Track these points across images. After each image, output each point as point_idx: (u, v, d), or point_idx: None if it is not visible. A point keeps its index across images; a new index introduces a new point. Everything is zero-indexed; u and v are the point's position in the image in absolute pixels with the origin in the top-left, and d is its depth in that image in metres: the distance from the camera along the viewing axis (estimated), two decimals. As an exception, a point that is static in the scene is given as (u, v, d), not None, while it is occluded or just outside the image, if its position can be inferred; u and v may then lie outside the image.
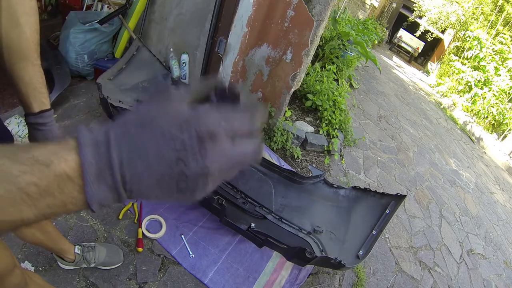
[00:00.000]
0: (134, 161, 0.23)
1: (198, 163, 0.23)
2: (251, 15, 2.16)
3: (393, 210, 1.57)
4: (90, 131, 0.24)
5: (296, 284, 1.55)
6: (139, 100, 0.26)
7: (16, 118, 1.73)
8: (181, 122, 0.24)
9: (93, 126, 0.25)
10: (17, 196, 0.21)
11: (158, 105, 0.25)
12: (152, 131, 0.23)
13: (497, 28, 8.71)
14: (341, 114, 2.94)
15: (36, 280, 0.87)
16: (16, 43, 0.57)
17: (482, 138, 6.76)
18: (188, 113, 0.24)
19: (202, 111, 0.25)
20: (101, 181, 0.23)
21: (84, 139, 0.23)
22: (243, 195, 1.70)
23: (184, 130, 0.23)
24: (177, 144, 0.23)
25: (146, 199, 0.26)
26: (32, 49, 0.60)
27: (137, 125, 0.24)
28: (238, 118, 0.26)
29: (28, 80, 0.61)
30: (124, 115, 0.25)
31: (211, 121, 0.24)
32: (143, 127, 0.24)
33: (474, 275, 2.41)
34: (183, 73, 2.67)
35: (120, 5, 2.50)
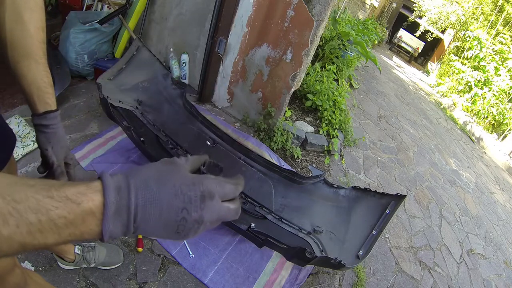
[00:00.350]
0: (148, 206, 0.30)
1: (197, 213, 0.31)
2: (251, 15, 2.16)
3: (393, 210, 1.57)
4: (112, 177, 0.31)
5: (296, 284, 1.55)
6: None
7: (16, 118, 1.73)
8: (189, 183, 0.32)
9: (115, 173, 0.32)
10: (47, 225, 0.26)
11: (171, 167, 0.34)
12: (167, 186, 0.31)
13: (497, 28, 8.71)
14: (341, 114, 2.94)
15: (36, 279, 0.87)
16: (20, 40, 0.55)
17: (482, 138, 6.76)
18: (195, 177, 0.33)
19: (205, 177, 0.34)
20: (117, 217, 0.29)
21: (109, 183, 0.30)
22: (243, 195, 1.70)
23: (191, 189, 0.32)
24: (185, 198, 0.31)
25: (146, 235, 0.33)
26: (37, 46, 0.57)
27: (155, 179, 0.32)
28: (228, 186, 0.35)
29: (32, 78, 0.58)
30: (142, 169, 0.33)
31: (211, 186, 0.33)
32: (159, 182, 0.31)
33: (474, 275, 2.41)
34: (183, 73, 2.67)
35: (120, 5, 2.50)
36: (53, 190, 0.28)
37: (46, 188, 0.27)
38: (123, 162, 1.77)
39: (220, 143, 1.99)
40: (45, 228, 0.26)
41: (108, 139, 1.89)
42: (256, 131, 2.50)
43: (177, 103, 2.09)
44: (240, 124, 2.56)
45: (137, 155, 1.84)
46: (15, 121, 1.70)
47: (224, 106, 2.64)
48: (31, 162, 1.58)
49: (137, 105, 1.91)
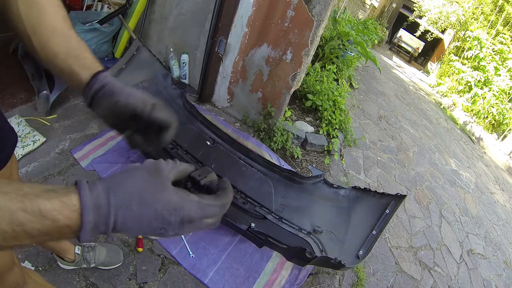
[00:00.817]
0: (127, 223, 0.31)
1: (174, 233, 0.33)
2: (251, 15, 2.16)
3: (393, 210, 1.57)
4: (91, 191, 0.30)
5: (296, 284, 1.55)
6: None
7: (16, 118, 1.73)
8: (171, 209, 0.32)
9: (94, 184, 0.31)
10: (21, 234, 0.27)
11: (155, 183, 0.33)
12: (148, 210, 0.32)
13: (497, 28, 8.70)
14: (341, 114, 2.94)
15: (35, 278, 0.87)
16: (40, 23, 0.49)
17: (482, 138, 6.76)
18: (176, 202, 0.33)
19: (187, 201, 0.33)
20: (95, 230, 0.30)
21: (87, 202, 0.29)
22: (243, 195, 1.70)
23: (172, 215, 0.32)
24: (165, 221, 0.32)
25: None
26: (59, 21, 0.51)
27: (137, 200, 0.32)
28: (211, 209, 0.35)
29: (65, 52, 0.49)
30: (125, 181, 0.32)
31: (191, 212, 0.33)
32: (141, 204, 0.32)
33: (474, 275, 2.41)
34: (183, 73, 2.67)
35: (120, 5, 2.50)
36: (27, 202, 0.27)
37: (19, 198, 0.27)
38: (123, 162, 1.77)
39: (220, 143, 1.99)
40: (19, 236, 0.27)
41: (108, 139, 1.89)
42: (256, 131, 2.50)
43: (177, 103, 2.08)
44: (240, 124, 2.56)
45: (137, 155, 1.84)
46: (15, 121, 1.70)
47: (224, 106, 2.64)
48: (31, 162, 1.58)
49: (137, 105, 1.91)
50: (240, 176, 1.81)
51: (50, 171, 1.57)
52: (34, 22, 0.49)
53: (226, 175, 1.75)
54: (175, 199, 0.33)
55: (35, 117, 1.81)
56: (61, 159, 1.65)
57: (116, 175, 0.33)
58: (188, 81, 2.72)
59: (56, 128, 1.83)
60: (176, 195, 0.33)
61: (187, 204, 0.33)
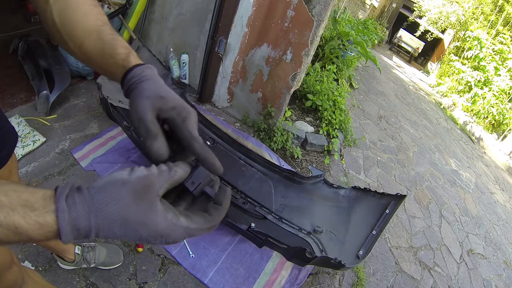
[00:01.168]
0: (110, 239, 0.32)
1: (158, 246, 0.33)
2: (251, 15, 2.16)
3: (393, 210, 1.57)
4: (70, 212, 0.28)
5: (296, 284, 1.55)
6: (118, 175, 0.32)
7: (16, 118, 1.73)
8: (157, 236, 0.31)
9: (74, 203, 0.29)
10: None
11: (142, 206, 0.30)
12: (133, 235, 0.30)
13: (497, 28, 8.70)
14: (341, 114, 2.94)
15: (34, 278, 0.87)
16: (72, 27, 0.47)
17: (482, 138, 6.76)
18: (163, 230, 0.31)
19: (175, 228, 0.31)
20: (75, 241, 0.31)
21: (64, 226, 0.28)
22: (243, 195, 1.70)
23: (157, 240, 0.31)
24: (149, 243, 0.31)
25: None
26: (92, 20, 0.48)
27: (120, 224, 0.30)
28: (200, 232, 0.34)
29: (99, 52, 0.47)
30: (108, 200, 0.30)
31: (179, 238, 0.32)
32: (125, 228, 0.30)
33: (474, 275, 2.41)
34: (183, 73, 2.67)
35: (120, 5, 2.50)
36: (1, 216, 0.27)
37: None
38: (123, 162, 1.77)
39: (220, 143, 1.99)
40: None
41: (108, 139, 1.89)
42: (256, 131, 2.50)
43: (177, 103, 2.08)
44: (240, 124, 2.56)
45: (137, 155, 1.84)
46: (15, 121, 1.70)
47: (224, 106, 2.64)
48: (31, 162, 1.58)
49: (137, 105, 1.91)
50: (240, 176, 1.81)
51: (50, 171, 1.57)
52: (68, 27, 0.47)
53: (226, 175, 1.75)
54: (162, 226, 0.31)
55: (35, 117, 1.81)
56: (61, 159, 1.65)
57: (99, 193, 0.30)
58: (188, 81, 2.72)
59: (56, 128, 1.83)
60: (163, 221, 0.31)
61: (174, 232, 0.32)
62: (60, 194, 0.29)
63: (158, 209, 0.31)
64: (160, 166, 0.34)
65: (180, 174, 0.34)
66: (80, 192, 0.30)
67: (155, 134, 0.37)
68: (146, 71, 0.42)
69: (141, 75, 0.41)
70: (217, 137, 2.01)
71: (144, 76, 0.41)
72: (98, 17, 0.49)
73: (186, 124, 0.38)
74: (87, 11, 0.48)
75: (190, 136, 0.38)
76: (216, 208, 0.35)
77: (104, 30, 0.47)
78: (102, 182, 0.31)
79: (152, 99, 0.38)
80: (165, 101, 0.39)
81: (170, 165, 0.34)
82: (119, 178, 0.31)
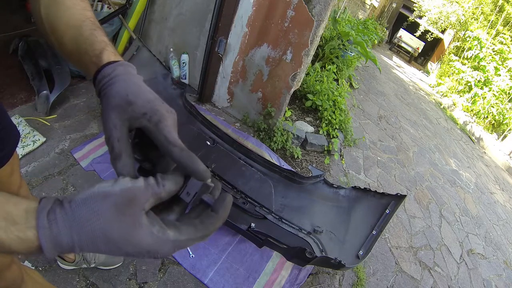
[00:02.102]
0: (94, 251, 0.29)
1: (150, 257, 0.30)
2: (251, 15, 2.16)
3: (393, 210, 1.57)
4: (51, 228, 0.27)
5: (296, 284, 1.55)
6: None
7: (16, 118, 1.73)
8: (144, 252, 0.29)
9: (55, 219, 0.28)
10: None
11: (127, 222, 0.29)
12: (118, 251, 0.29)
13: (497, 28, 8.71)
14: (341, 114, 2.94)
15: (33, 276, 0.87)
16: (55, 19, 0.46)
17: (482, 138, 6.76)
18: (149, 246, 0.29)
19: (162, 243, 0.30)
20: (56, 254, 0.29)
21: (46, 244, 0.27)
22: (243, 195, 1.70)
23: (145, 255, 0.30)
24: (136, 257, 0.31)
25: None
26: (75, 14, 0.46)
27: (104, 240, 0.29)
28: (189, 244, 0.32)
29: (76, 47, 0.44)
30: (90, 214, 0.28)
31: (167, 253, 0.30)
32: (109, 244, 0.29)
33: (474, 275, 2.41)
34: (183, 73, 2.67)
35: (120, 5, 2.50)
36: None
37: None
38: (123, 162, 1.77)
39: (220, 143, 1.99)
40: None
41: (108, 139, 1.89)
42: (256, 131, 2.50)
43: (177, 103, 2.08)
44: (240, 124, 2.56)
45: (137, 155, 1.84)
46: (15, 121, 1.70)
47: (224, 106, 2.64)
48: (31, 162, 1.58)
49: (137, 105, 1.91)
50: (240, 176, 1.81)
51: (50, 171, 1.57)
52: (51, 20, 0.46)
53: (226, 175, 1.75)
54: (147, 242, 0.29)
55: (35, 117, 1.81)
56: (61, 159, 1.65)
57: (80, 208, 0.28)
58: (188, 81, 2.72)
59: (56, 128, 1.83)
60: (148, 237, 0.29)
61: (161, 246, 0.30)
62: (42, 208, 0.28)
63: (143, 224, 0.29)
64: (148, 179, 0.31)
65: (169, 188, 0.32)
66: (62, 207, 0.28)
67: (118, 154, 0.36)
68: (117, 70, 0.38)
69: (112, 75, 0.37)
70: (217, 137, 2.01)
71: (114, 77, 0.37)
72: (82, 12, 0.46)
73: (160, 129, 0.35)
74: (71, 5, 0.47)
75: (166, 141, 0.34)
76: (211, 216, 0.33)
77: (85, 25, 0.45)
78: (84, 195, 0.29)
79: (120, 109, 0.35)
80: (134, 108, 0.35)
81: (158, 179, 0.32)
82: (101, 191, 0.29)
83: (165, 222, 0.31)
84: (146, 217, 0.30)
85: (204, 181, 0.35)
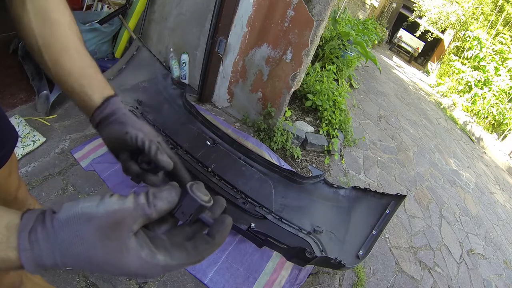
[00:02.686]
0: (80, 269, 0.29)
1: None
2: (251, 15, 2.16)
3: (393, 210, 1.57)
4: (33, 249, 0.27)
5: (296, 284, 1.55)
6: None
7: (16, 118, 1.73)
8: (132, 274, 0.28)
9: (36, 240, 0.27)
10: None
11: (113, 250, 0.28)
12: (103, 272, 0.28)
13: (497, 28, 8.71)
14: (341, 114, 2.94)
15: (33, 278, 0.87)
16: (53, 38, 0.48)
17: (482, 138, 6.76)
18: (136, 270, 0.28)
19: (151, 267, 0.28)
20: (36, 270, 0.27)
21: (28, 265, 0.27)
22: (243, 195, 1.70)
23: (133, 277, 0.31)
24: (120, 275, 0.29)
25: None
26: (73, 37, 0.50)
27: (90, 265, 0.28)
28: (179, 268, 0.30)
29: (79, 70, 0.48)
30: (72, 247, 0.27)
31: (156, 275, 0.29)
32: (95, 268, 0.28)
33: (474, 275, 2.41)
34: (183, 73, 2.67)
35: (120, 5, 2.50)
36: None
37: None
38: (123, 162, 1.77)
39: (220, 143, 1.99)
40: None
41: (108, 139, 1.89)
42: (256, 131, 2.50)
43: (177, 103, 2.08)
44: (240, 124, 2.56)
45: (137, 155, 1.84)
46: (15, 121, 1.70)
47: (224, 106, 2.64)
48: (31, 162, 1.58)
49: (137, 105, 1.91)
50: (240, 176, 1.81)
51: (50, 171, 1.57)
52: (47, 37, 0.48)
53: (226, 175, 1.75)
54: (135, 266, 0.28)
55: (35, 117, 1.81)
56: (61, 159, 1.65)
57: (63, 229, 0.27)
58: (188, 81, 2.72)
59: (56, 128, 1.83)
60: (136, 261, 0.28)
61: (149, 270, 0.29)
62: (23, 227, 0.27)
63: (130, 249, 0.28)
64: (138, 198, 0.29)
65: (160, 208, 0.30)
66: (44, 226, 0.27)
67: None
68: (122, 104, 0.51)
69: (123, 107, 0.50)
70: (217, 137, 2.01)
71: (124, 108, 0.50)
72: (79, 36, 0.52)
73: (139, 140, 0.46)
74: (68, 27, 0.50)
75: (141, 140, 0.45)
76: (206, 241, 0.31)
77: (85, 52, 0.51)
78: (66, 215, 0.28)
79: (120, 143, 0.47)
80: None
81: (150, 198, 0.30)
82: (84, 212, 0.28)
83: (156, 242, 0.30)
84: (134, 238, 0.28)
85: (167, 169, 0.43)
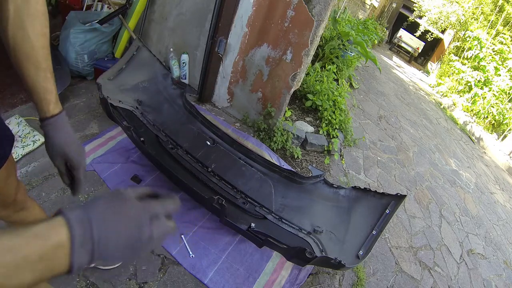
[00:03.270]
0: (109, 234, 0.34)
1: (149, 231, 0.37)
2: (251, 15, 2.16)
3: (393, 210, 1.57)
4: (72, 212, 0.33)
5: (296, 284, 1.55)
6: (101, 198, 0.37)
7: (16, 118, 1.73)
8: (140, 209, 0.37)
9: (74, 208, 0.34)
10: (20, 262, 0.28)
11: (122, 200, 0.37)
12: (122, 215, 0.36)
13: (497, 28, 8.70)
14: (341, 114, 2.94)
15: None
16: (21, 45, 0.56)
17: (482, 138, 6.75)
18: (144, 205, 0.38)
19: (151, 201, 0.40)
20: (83, 247, 0.32)
21: (71, 218, 0.32)
22: (243, 195, 1.70)
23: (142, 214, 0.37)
24: (138, 222, 0.37)
25: (106, 261, 0.35)
26: (37, 52, 0.58)
27: (111, 211, 0.35)
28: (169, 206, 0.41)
29: (32, 84, 0.59)
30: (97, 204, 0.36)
31: (157, 209, 0.39)
32: (115, 213, 0.36)
33: (474, 275, 2.41)
34: (183, 73, 2.67)
35: (120, 5, 2.50)
36: (21, 230, 0.30)
37: (12, 230, 0.30)
38: (123, 162, 1.77)
39: (220, 143, 1.99)
40: (19, 266, 0.28)
41: (108, 139, 1.89)
42: (256, 131, 2.50)
43: (177, 103, 2.08)
44: (240, 124, 2.56)
45: (137, 155, 1.84)
46: (15, 121, 1.70)
47: (224, 106, 2.64)
48: (31, 162, 1.58)
49: (137, 105, 1.91)
50: (240, 176, 1.81)
51: (50, 171, 1.57)
52: (17, 43, 0.56)
53: (226, 175, 1.75)
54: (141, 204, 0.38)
55: (35, 117, 1.81)
56: (61, 159, 1.65)
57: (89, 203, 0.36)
58: (188, 81, 2.72)
59: (56, 128, 1.82)
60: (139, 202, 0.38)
61: (151, 204, 0.39)
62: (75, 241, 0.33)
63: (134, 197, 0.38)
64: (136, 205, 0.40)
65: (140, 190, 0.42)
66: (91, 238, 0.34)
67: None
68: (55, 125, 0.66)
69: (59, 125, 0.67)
70: (217, 137, 2.01)
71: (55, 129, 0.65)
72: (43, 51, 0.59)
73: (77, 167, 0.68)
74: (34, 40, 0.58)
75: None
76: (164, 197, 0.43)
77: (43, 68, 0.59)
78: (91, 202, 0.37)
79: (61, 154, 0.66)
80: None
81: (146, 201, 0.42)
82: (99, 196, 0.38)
83: None
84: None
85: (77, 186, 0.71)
